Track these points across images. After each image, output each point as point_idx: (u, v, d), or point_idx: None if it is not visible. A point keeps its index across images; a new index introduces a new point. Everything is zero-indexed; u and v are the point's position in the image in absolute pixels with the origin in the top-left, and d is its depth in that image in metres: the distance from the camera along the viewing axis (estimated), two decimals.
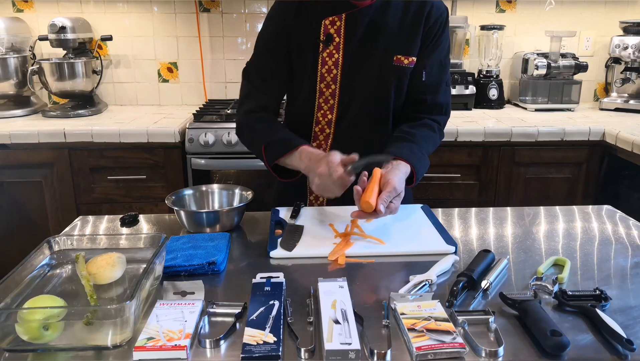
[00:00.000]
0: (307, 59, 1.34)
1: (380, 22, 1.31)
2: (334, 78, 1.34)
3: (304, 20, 1.32)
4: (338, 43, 1.32)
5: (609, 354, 0.77)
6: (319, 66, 1.34)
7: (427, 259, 1.06)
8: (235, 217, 1.25)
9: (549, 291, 0.93)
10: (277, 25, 1.35)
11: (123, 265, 0.97)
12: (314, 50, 1.33)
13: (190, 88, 2.84)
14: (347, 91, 1.36)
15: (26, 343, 0.77)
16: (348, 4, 1.30)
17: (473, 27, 2.75)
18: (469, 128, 2.25)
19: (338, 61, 1.33)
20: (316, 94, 1.37)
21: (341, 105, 1.37)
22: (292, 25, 1.33)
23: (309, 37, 1.32)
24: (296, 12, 1.32)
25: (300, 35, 1.33)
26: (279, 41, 1.35)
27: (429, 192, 2.29)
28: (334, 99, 1.36)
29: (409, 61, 1.34)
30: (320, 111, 1.38)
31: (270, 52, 1.37)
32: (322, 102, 1.37)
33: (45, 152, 2.20)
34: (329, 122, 1.39)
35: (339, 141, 1.40)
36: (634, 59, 2.59)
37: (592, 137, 2.27)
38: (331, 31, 1.31)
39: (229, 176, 2.32)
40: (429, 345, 0.76)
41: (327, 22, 1.31)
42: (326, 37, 1.31)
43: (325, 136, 1.41)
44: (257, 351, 0.75)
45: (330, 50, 1.32)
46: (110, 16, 2.71)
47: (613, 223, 1.30)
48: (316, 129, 1.41)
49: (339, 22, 1.31)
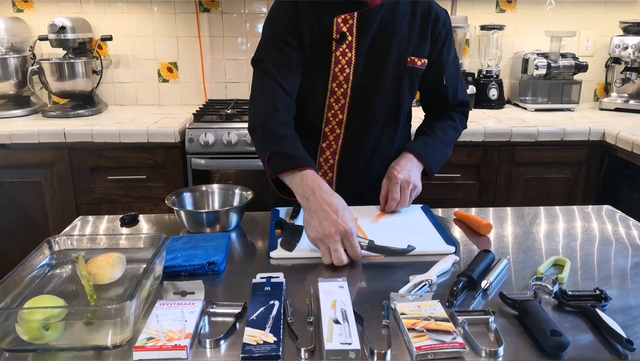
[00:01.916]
0: (319, 57, 1.31)
1: (391, 23, 1.32)
2: (347, 77, 1.32)
3: (314, 18, 1.29)
4: (351, 42, 1.30)
5: (609, 354, 0.77)
6: (331, 64, 1.31)
7: (427, 259, 1.06)
8: (235, 217, 1.25)
9: (549, 291, 0.93)
10: (287, 21, 1.30)
11: (123, 265, 0.97)
12: (326, 49, 1.31)
13: (190, 88, 2.84)
14: (359, 90, 1.34)
15: (26, 343, 0.77)
16: (359, 2, 1.29)
17: (473, 27, 2.75)
18: (469, 128, 2.22)
19: (351, 60, 1.31)
20: (327, 93, 1.34)
21: (352, 105, 1.35)
22: (302, 23, 1.29)
23: (320, 35, 1.30)
24: (305, 9, 1.29)
25: (311, 32, 1.30)
26: (291, 36, 1.30)
27: (429, 192, 2.28)
28: (345, 98, 1.34)
29: (421, 62, 1.36)
30: (331, 111, 1.36)
31: (285, 45, 1.30)
32: (333, 102, 1.35)
33: (45, 152, 2.20)
34: (339, 122, 1.37)
35: (349, 141, 1.39)
36: (634, 59, 2.59)
37: (592, 137, 2.27)
38: (344, 29, 1.29)
39: (229, 176, 2.32)
40: (429, 345, 0.76)
41: (340, 20, 1.29)
42: (340, 36, 1.29)
43: (336, 136, 1.39)
44: (257, 351, 0.75)
45: (343, 49, 1.30)
46: (110, 16, 2.71)
47: (613, 223, 1.30)
48: (326, 129, 1.39)
49: (351, 21, 1.29)
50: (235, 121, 2.30)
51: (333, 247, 1.02)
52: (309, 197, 1.08)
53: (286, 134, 1.25)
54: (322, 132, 1.39)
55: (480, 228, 1.22)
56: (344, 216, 1.03)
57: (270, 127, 1.25)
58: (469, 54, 2.86)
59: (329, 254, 1.03)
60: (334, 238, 1.01)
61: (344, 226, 1.01)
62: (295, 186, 1.12)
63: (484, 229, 1.22)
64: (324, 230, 1.02)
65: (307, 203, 1.08)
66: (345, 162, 1.41)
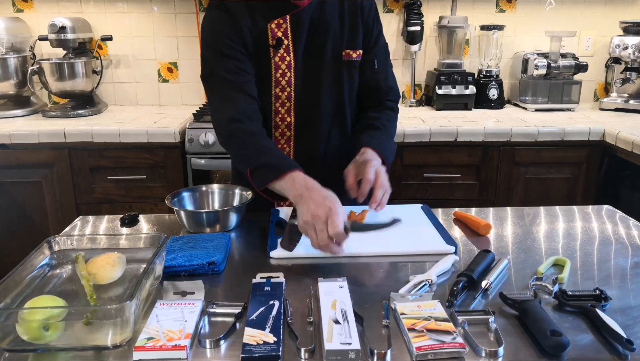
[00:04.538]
0: (260, 64, 1.32)
1: (322, 20, 1.34)
2: (289, 81, 1.34)
3: (250, 23, 1.29)
4: (287, 45, 1.32)
5: (609, 354, 0.77)
6: (272, 70, 1.32)
7: (427, 259, 1.06)
8: (235, 217, 1.25)
9: (549, 291, 0.93)
10: (228, 28, 1.28)
11: (123, 265, 0.97)
12: (264, 55, 1.31)
13: (190, 88, 2.84)
14: (302, 91, 1.36)
15: (26, 343, 0.77)
16: (289, 4, 1.30)
17: (473, 27, 2.75)
18: (469, 128, 2.25)
19: (291, 64, 1.33)
20: (272, 99, 1.35)
21: (298, 106, 1.37)
22: (242, 28, 1.28)
23: (258, 41, 1.30)
24: (239, 16, 1.28)
25: (251, 38, 1.30)
26: (235, 43, 1.28)
27: (429, 192, 2.29)
28: (290, 101, 1.36)
29: (357, 54, 1.39)
30: (279, 115, 1.38)
31: (233, 52, 1.28)
32: (279, 106, 1.37)
33: (45, 152, 2.20)
34: (288, 125, 1.39)
35: (301, 142, 1.41)
36: (634, 59, 2.59)
37: (592, 137, 2.27)
38: (279, 34, 1.31)
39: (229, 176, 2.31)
40: (429, 345, 0.76)
41: (274, 25, 1.30)
42: (276, 41, 1.31)
43: (287, 139, 1.41)
44: (257, 351, 0.75)
45: (281, 54, 1.32)
46: (110, 16, 2.71)
47: (613, 223, 1.30)
48: (276, 133, 1.40)
49: (284, 24, 1.30)
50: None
51: (318, 227, 1.02)
52: (302, 193, 1.09)
53: (260, 143, 1.25)
54: (273, 137, 1.40)
55: (479, 229, 1.22)
56: (331, 199, 1.05)
57: (242, 140, 1.26)
58: (469, 54, 2.86)
59: (315, 237, 1.03)
60: (320, 218, 1.01)
61: (328, 205, 1.02)
62: (288, 188, 1.14)
63: (483, 229, 1.22)
64: (310, 212, 1.03)
65: (301, 198, 1.08)
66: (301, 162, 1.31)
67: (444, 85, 2.62)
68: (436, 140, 2.22)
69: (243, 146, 1.26)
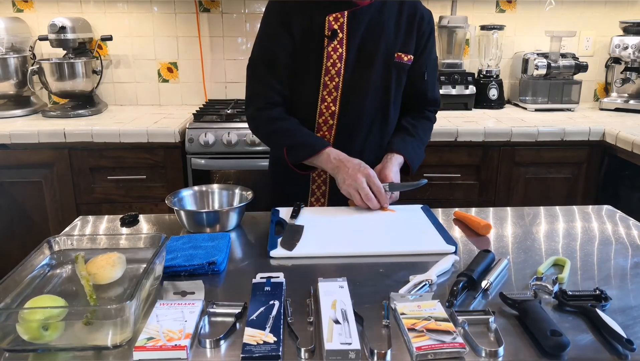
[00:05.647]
0: (311, 52, 1.40)
1: (379, 21, 1.40)
2: (338, 71, 1.41)
3: (306, 16, 1.38)
4: (341, 38, 1.39)
5: (609, 354, 0.77)
6: (324, 59, 1.40)
7: (427, 259, 1.06)
8: (235, 217, 1.25)
9: (549, 291, 0.93)
10: (280, 20, 1.39)
11: (123, 265, 0.97)
12: (317, 45, 1.39)
13: (190, 88, 2.84)
14: (350, 84, 1.43)
15: (26, 343, 0.77)
16: (349, 2, 1.37)
17: (473, 27, 2.75)
18: (469, 128, 2.25)
19: (342, 55, 1.40)
20: (320, 86, 1.43)
21: (344, 97, 1.44)
22: (295, 21, 1.38)
23: (313, 32, 1.39)
24: (298, 8, 1.38)
25: (303, 30, 1.39)
26: (284, 35, 1.39)
27: (429, 192, 2.29)
28: (337, 91, 1.43)
29: (407, 58, 1.46)
30: (324, 103, 1.44)
31: (277, 45, 1.41)
32: (326, 95, 1.43)
33: (45, 152, 2.20)
34: (332, 114, 1.45)
35: (342, 132, 1.47)
36: (634, 59, 2.59)
37: (592, 137, 2.27)
38: (335, 27, 1.38)
39: (229, 176, 2.32)
40: (429, 345, 0.76)
41: (331, 18, 1.38)
42: (331, 33, 1.38)
43: (329, 127, 1.47)
44: (257, 351, 0.75)
45: (334, 45, 1.39)
46: (110, 16, 2.71)
47: (613, 223, 1.30)
48: (320, 120, 1.46)
49: (342, 19, 1.38)
50: (235, 121, 2.30)
51: (362, 189, 1.29)
52: (338, 165, 1.34)
53: (292, 127, 1.42)
54: (316, 123, 1.46)
55: (479, 229, 1.22)
56: (366, 168, 1.32)
57: (272, 125, 1.43)
58: (469, 54, 2.86)
59: (359, 197, 1.30)
60: (360, 180, 1.29)
61: (366, 171, 1.31)
62: (325, 161, 1.37)
63: (483, 229, 1.22)
64: (351, 178, 1.30)
65: (337, 170, 1.34)
66: None
67: (444, 85, 2.62)
68: (436, 140, 2.22)
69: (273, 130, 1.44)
